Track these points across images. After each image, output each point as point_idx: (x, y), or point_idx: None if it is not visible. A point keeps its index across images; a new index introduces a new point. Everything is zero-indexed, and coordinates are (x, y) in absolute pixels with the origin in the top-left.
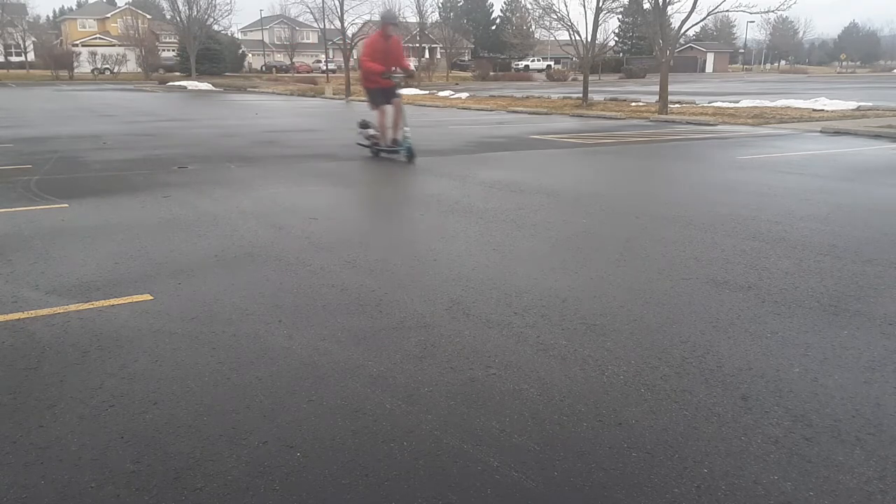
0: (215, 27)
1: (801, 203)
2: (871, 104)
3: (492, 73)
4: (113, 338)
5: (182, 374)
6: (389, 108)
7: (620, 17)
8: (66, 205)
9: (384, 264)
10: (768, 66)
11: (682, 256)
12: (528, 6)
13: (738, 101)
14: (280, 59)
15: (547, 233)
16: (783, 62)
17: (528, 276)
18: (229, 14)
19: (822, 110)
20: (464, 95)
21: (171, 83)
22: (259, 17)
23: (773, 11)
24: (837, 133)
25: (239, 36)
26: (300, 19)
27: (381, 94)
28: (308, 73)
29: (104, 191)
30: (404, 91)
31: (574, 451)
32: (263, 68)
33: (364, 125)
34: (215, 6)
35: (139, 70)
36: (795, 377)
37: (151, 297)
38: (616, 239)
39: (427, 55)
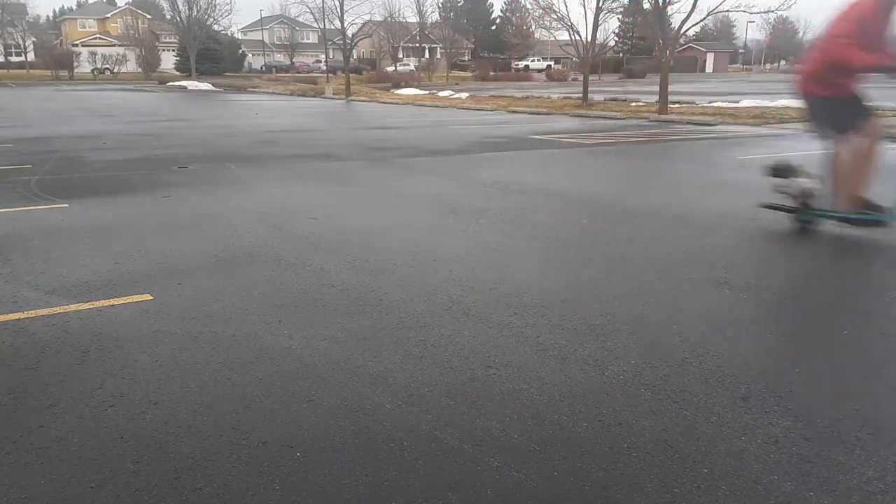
0: (215, 27)
1: None
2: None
3: (492, 73)
4: (113, 338)
5: (182, 374)
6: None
7: (620, 17)
8: (66, 205)
9: (384, 264)
10: (768, 66)
11: (682, 256)
12: (528, 6)
13: (738, 102)
14: (280, 59)
15: (547, 233)
16: (783, 62)
17: (528, 276)
18: (229, 14)
19: None
20: (464, 95)
21: (171, 83)
22: (259, 17)
23: (773, 11)
24: None
25: (239, 36)
26: (300, 19)
27: (853, 108)
28: (308, 73)
29: (104, 191)
30: (406, 91)
31: (574, 451)
32: (263, 68)
33: (782, 171)
34: (215, 6)
35: (139, 70)
36: (795, 377)
37: (151, 297)
38: (616, 239)
39: (427, 55)
